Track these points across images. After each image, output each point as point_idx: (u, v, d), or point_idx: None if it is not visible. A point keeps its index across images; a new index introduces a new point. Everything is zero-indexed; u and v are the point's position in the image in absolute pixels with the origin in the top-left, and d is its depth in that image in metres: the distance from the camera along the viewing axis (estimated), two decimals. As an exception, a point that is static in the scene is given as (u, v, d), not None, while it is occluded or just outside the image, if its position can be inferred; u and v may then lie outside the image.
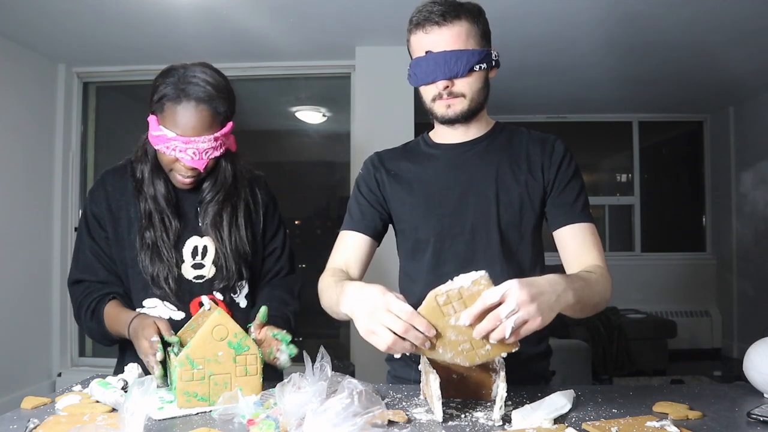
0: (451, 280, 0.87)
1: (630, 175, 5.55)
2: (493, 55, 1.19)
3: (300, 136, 4.81)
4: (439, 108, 1.19)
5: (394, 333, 0.85)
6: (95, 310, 1.29)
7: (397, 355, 0.90)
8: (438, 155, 1.27)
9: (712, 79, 4.31)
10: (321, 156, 4.92)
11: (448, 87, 1.16)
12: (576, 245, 1.18)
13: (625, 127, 5.51)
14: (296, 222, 4.73)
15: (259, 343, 1.16)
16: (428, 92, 1.19)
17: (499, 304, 0.84)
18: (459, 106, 1.18)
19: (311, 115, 4.49)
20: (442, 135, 1.29)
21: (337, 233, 1.30)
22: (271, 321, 1.31)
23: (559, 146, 1.24)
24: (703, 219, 5.55)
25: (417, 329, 0.85)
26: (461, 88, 1.16)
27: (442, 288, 0.87)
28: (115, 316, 1.26)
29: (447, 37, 1.14)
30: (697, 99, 4.94)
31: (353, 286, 0.97)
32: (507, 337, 0.84)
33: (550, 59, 3.81)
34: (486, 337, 0.85)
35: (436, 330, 0.86)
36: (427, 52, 1.15)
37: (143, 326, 1.15)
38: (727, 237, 5.17)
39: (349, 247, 1.26)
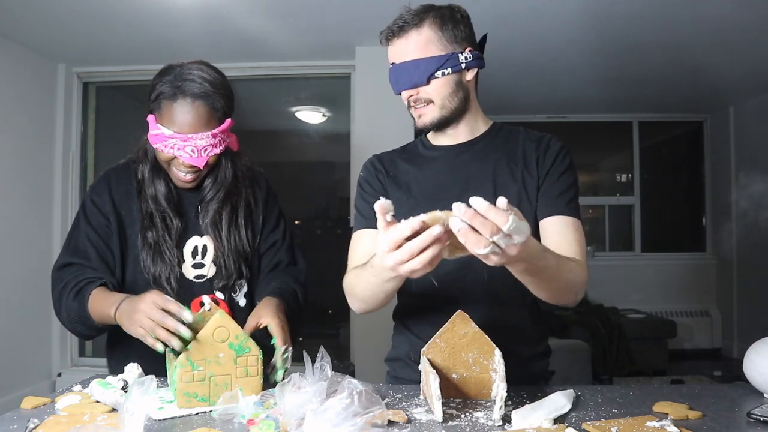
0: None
1: (630, 175, 5.55)
2: (463, 57, 1.17)
3: (300, 136, 4.81)
4: (415, 117, 1.23)
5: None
6: (81, 290, 1.23)
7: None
8: (436, 157, 1.27)
9: (713, 79, 4.30)
10: (321, 156, 4.92)
11: (412, 95, 1.19)
12: (557, 237, 1.16)
13: (625, 127, 5.51)
14: (296, 222, 4.73)
15: None
16: (404, 101, 1.23)
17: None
18: (429, 116, 1.20)
19: (311, 115, 4.49)
20: (439, 137, 1.29)
21: (338, 233, 1.30)
22: (277, 293, 1.30)
23: (554, 143, 1.24)
24: (703, 219, 5.55)
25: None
26: (427, 94, 1.18)
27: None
28: (103, 297, 1.20)
29: (406, 48, 1.17)
30: (697, 99, 4.93)
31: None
32: (484, 253, 0.79)
33: (550, 59, 3.80)
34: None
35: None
36: (392, 64, 1.19)
37: (142, 296, 1.07)
38: (727, 237, 5.17)
39: (368, 244, 1.23)
